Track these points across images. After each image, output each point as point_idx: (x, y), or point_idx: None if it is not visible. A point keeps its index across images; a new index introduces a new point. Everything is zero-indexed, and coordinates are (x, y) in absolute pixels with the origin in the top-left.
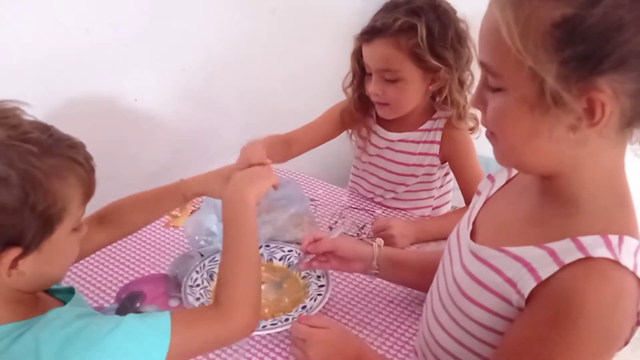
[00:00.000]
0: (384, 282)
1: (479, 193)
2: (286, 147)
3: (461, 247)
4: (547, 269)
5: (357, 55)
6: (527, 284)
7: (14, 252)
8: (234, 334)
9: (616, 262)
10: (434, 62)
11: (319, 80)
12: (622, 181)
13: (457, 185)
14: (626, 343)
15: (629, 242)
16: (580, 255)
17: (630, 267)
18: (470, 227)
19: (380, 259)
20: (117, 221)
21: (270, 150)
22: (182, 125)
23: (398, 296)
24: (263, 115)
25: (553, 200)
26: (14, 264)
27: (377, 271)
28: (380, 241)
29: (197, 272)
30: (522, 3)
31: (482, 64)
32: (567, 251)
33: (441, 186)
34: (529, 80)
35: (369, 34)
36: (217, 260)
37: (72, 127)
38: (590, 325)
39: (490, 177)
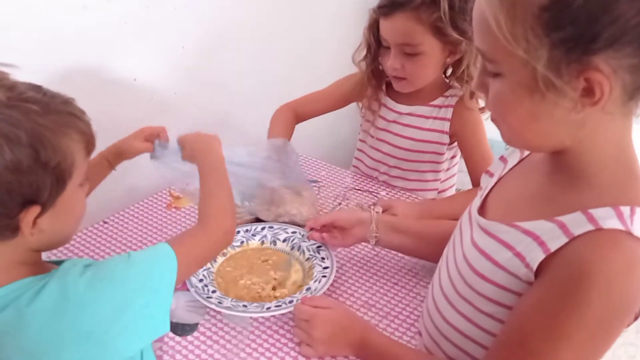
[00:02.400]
0: (389, 263)
1: (490, 174)
2: (293, 118)
3: (472, 224)
4: (556, 241)
5: (373, 29)
6: (536, 257)
7: (34, 210)
8: (218, 242)
9: (628, 233)
10: (456, 36)
11: (321, 56)
12: (630, 153)
13: (461, 168)
14: (636, 317)
15: None
16: (591, 227)
17: None
18: (479, 204)
19: (380, 224)
20: None
21: (280, 129)
22: (182, 104)
23: (403, 278)
24: (264, 92)
25: (563, 176)
26: (34, 222)
27: (376, 234)
28: (378, 208)
29: None
30: None
31: (478, 50)
32: (577, 223)
33: (448, 169)
34: (523, 66)
35: (389, 7)
36: None
37: None
38: (602, 295)
39: (503, 159)
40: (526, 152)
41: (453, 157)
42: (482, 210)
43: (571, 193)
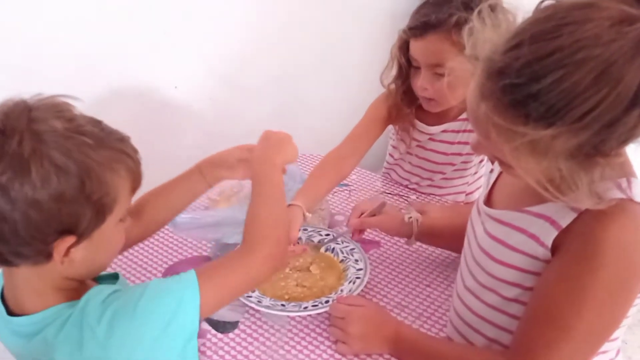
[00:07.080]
0: (422, 265)
1: (492, 170)
2: (339, 168)
3: (482, 217)
4: (566, 218)
5: (403, 49)
6: (549, 235)
7: (69, 240)
8: (260, 266)
9: (630, 200)
10: None
11: (348, 60)
12: None
13: (486, 172)
14: None
15: (637, 183)
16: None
17: None
18: (485, 197)
19: (418, 233)
20: (148, 219)
21: (323, 180)
22: (217, 112)
23: (435, 280)
24: (294, 100)
25: None
26: (66, 251)
27: (415, 243)
28: (418, 215)
29: None
30: (537, 144)
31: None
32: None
33: (475, 172)
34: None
35: (421, 29)
36: None
37: (114, 114)
38: (616, 255)
39: None
40: None
41: (481, 161)
42: (488, 203)
43: None
